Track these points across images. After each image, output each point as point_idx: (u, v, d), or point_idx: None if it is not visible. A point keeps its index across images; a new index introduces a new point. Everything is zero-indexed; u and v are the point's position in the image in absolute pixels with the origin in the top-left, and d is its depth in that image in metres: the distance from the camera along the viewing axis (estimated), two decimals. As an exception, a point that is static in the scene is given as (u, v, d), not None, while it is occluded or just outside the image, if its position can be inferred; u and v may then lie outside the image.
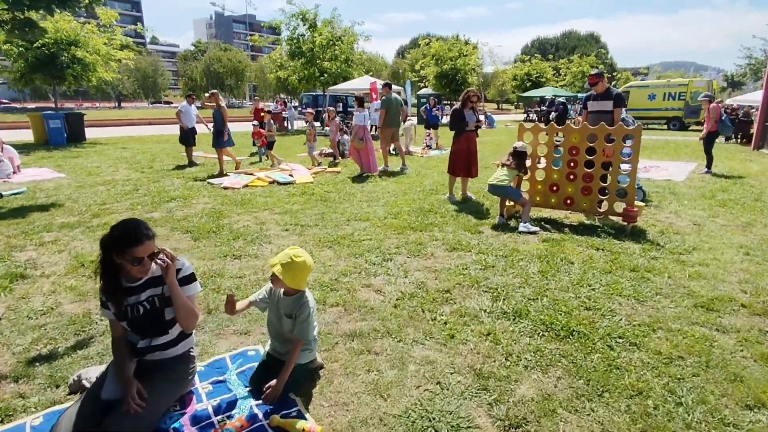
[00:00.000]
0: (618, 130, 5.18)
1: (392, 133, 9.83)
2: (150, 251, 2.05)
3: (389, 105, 9.59)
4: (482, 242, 4.82)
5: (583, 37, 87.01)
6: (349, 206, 6.54)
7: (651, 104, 25.39)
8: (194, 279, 2.25)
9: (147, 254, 2.03)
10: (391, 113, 9.60)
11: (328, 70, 21.93)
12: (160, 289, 2.16)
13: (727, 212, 6.05)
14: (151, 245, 2.06)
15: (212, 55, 50.81)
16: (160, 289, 2.16)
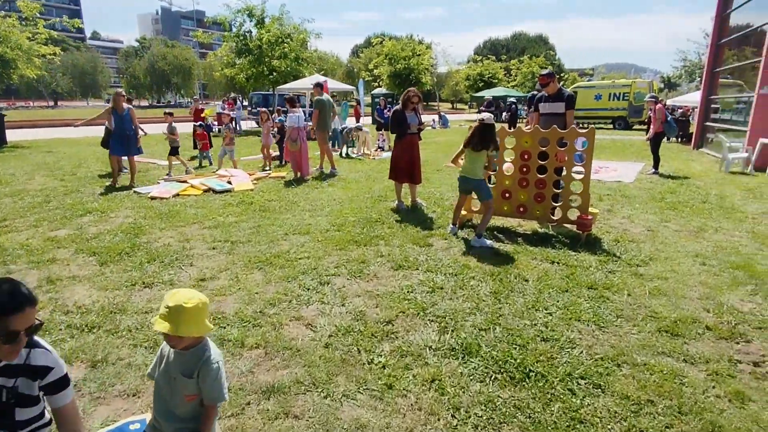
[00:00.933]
0: (571, 134, 4.91)
1: (325, 135, 9.41)
2: (29, 323, 1.46)
3: (322, 106, 9.10)
4: (431, 257, 4.40)
5: (533, 38, 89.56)
6: (290, 217, 5.98)
7: (597, 104, 26.16)
8: (67, 383, 1.64)
9: (25, 327, 1.44)
10: (324, 115, 9.15)
11: (277, 69, 21.07)
12: (13, 381, 1.55)
13: (677, 216, 5.95)
14: (32, 314, 1.47)
15: (156, 52, 48.10)
16: (13, 381, 1.55)
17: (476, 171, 4.77)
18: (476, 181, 4.78)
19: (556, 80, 5.46)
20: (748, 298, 3.48)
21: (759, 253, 4.50)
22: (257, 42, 20.94)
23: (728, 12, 13.48)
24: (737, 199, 6.97)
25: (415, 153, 6.21)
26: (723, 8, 13.81)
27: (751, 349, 2.78)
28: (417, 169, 6.27)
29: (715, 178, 8.86)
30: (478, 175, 4.77)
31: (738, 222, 5.66)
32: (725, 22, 13.75)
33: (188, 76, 48.47)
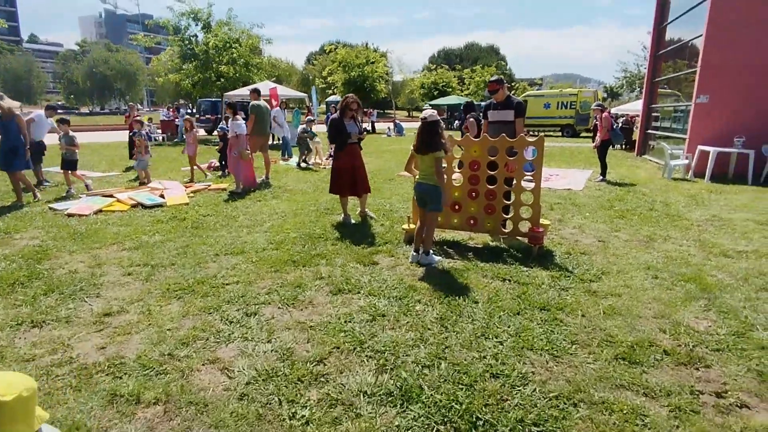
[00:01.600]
0: (520, 142, 4.70)
1: (262, 142, 9.02)
2: None
3: (258, 112, 8.68)
4: (375, 278, 4.02)
5: (485, 48, 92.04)
6: (225, 234, 5.45)
7: (546, 112, 26.94)
8: None
9: None
10: (260, 121, 8.76)
11: (225, 74, 20.24)
12: None
13: (627, 225, 5.90)
14: None
15: (97, 56, 45.32)
16: None
17: (432, 175, 4.28)
18: (432, 186, 4.30)
19: (505, 87, 5.26)
20: (702, 314, 3.32)
21: (707, 263, 4.43)
22: (203, 47, 20.04)
23: (664, 25, 14.08)
24: (681, 205, 7.05)
25: (357, 163, 5.81)
26: (660, 21, 14.43)
27: (711, 375, 2.57)
28: (361, 179, 5.88)
29: (659, 184, 9.05)
30: (433, 180, 4.29)
31: (684, 230, 5.65)
32: (662, 35, 14.36)
33: (133, 82, 45.99)
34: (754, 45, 9.70)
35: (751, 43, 9.72)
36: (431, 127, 4.21)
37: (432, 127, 4.21)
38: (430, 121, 4.22)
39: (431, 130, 4.20)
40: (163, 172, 10.55)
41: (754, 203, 7.23)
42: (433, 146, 4.19)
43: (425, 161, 4.31)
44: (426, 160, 4.30)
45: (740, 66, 9.83)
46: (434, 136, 4.19)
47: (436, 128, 4.21)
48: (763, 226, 5.82)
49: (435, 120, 4.23)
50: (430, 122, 4.22)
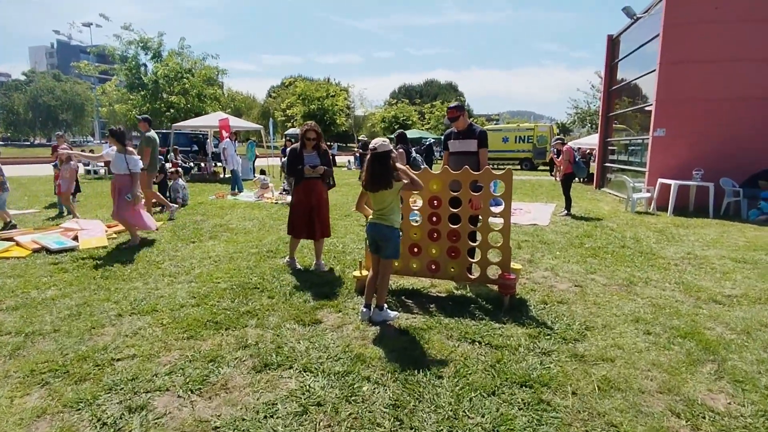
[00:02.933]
0: (485, 176, 4.10)
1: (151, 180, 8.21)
2: None
3: (154, 144, 7.88)
4: (315, 344, 3.21)
5: (443, 85, 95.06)
6: (139, 285, 4.51)
7: (505, 146, 27.33)
8: None
9: None
10: (155, 155, 7.99)
11: (176, 105, 19.26)
12: None
13: (601, 265, 5.38)
14: None
15: (41, 86, 42.92)
16: None
17: (387, 215, 3.57)
18: (387, 228, 3.58)
19: (466, 114, 4.71)
20: (715, 385, 2.70)
21: (699, 311, 3.89)
22: (152, 76, 19.07)
23: (616, 62, 14.43)
24: (653, 242, 6.67)
25: (315, 201, 4.93)
26: (611, 59, 14.80)
27: (755, 488, 1.91)
28: (321, 221, 4.99)
29: (624, 218, 8.76)
30: (389, 221, 3.58)
31: (663, 270, 5.18)
32: (614, 72, 14.70)
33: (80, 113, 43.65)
34: (707, 80, 9.84)
35: (703, 79, 9.85)
36: (382, 160, 3.52)
37: (383, 158, 3.52)
38: (380, 153, 3.54)
39: (382, 163, 3.51)
40: (91, 209, 9.39)
41: (723, 238, 6.96)
42: (385, 181, 3.50)
43: (377, 199, 3.61)
44: (378, 198, 3.60)
45: (694, 100, 9.92)
46: (386, 170, 3.50)
47: (387, 160, 3.53)
48: (740, 265, 5.44)
49: (386, 150, 3.55)
50: (380, 153, 3.53)
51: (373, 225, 3.67)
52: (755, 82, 9.62)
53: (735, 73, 9.70)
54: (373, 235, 3.69)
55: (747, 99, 9.65)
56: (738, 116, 9.74)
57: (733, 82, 9.72)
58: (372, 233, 3.69)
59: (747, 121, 9.69)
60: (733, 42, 9.68)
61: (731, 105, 9.76)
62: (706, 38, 9.80)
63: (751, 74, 9.63)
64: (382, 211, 3.61)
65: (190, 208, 9.51)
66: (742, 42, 9.65)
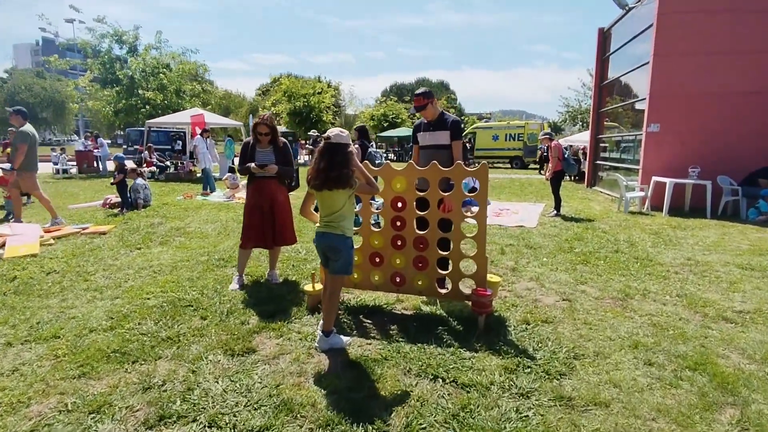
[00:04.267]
0: (457, 172, 3.47)
1: (34, 180, 7.23)
2: None
3: (31, 141, 6.95)
4: (237, 384, 2.56)
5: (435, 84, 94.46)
6: (53, 303, 3.83)
7: (495, 144, 26.77)
8: None
9: None
10: (33, 152, 7.02)
11: (152, 101, 18.44)
12: None
13: (593, 273, 4.77)
14: None
15: (18, 82, 41.62)
16: None
17: (338, 221, 2.93)
18: (337, 238, 2.96)
19: (436, 102, 4.06)
20: (740, 442, 2.09)
21: (708, 333, 3.29)
22: (127, 72, 18.23)
23: (607, 55, 13.89)
24: (649, 245, 6.08)
25: (267, 204, 4.20)
26: (602, 52, 14.25)
27: None
28: (276, 227, 4.28)
29: (617, 219, 8.18)
30: (340, 228, 2.94)
31: (662, 279, 4.58)
32: (605, 66, 14.16)
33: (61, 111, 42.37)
34: (703, 73, 9.30)
35: (699, 72, 9.31)
36: (335, 152, 2.86)
37: (336, 151, 2.86)
38: (333, 143, 2.87)
39: (335, 156, 2.85)
40: (44, 212, 8.64)
41: (724, 241, 6.39)
42: (340, 179, 2.82)
43: (326, 202, 2.96)
44: (327, 201, 2.95)
45: (690, 94, 9.38)
46: (339, 165, 2.82)
47: (343, 154, 2.86)
48: (748, 273, 4.86)
49: (342, 142, 2.89)
50: (333, 144, 2.87)
51: (320, 235, 3.02)
52: (755, 76, 9.09)
53: (733, 65, 9.17)
54: (321, 247, 3.05)
55: (746, 93, 9.12)
56: (736, 111, 9.21)
57: (732, 75, 9.18)
58: (319, 244, 3.04)
59: (746, 116, 9.15)
60: (731, 33, 9.14)
61: (729, 99, 9.22)
62: (702, 28, 9.25)
63: (750, 67, 9.09)
64: (331, 217, 2.96)
65: (152, 210, 8.79)
66: (741, 33, 9.11)
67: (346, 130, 2.97)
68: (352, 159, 2.84)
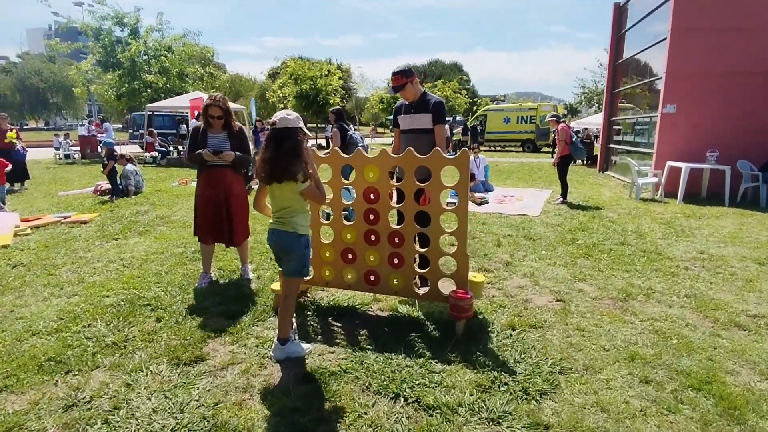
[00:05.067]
0: (434, 160, 3.08)
1: None
2: None
3: None
4: (170, 401, 2.27)
5: (448, 66, 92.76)
6: (7, 299, 3.62)
7: (507, 127, 26.03)
8: None
9: None
10: None
11: (153, 85, 18.18)
12: None
13: (594, 269, 4.38)
14: None
15: (29, 68, 41.74)
16: None
17: (289, 217, 2.61)
18: (288, 236, 2.60)
19: (417, 81, 3.65)
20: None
21: (717, 343, 2.90)
22: (128, 54, 17.95)
23: (623, 32, 13.14)
24: (658, 237, 5.64)
25: (222, 196, 3.81)
26: (618, 29, 13.49)
27: None
28: (232, 222, 3.90)
29: (627, 207, 7.70)
30: (291, 225, 2.60)
31: (670, 276, 4.17)
32: (620, 43, 13.41)
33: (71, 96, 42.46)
34: (724, 51, 8.64)
35: (720, 49, 8.65)
36: (282, 139, 2.50)
37: (284, 137, 2.50)
38: (279, 129, 2.52)
39: (282, 145, 2.49)
40: (32, 199, 8.48)
41: (742, 232, 5.91)
42: (287, 170, 2.48)
43: (277, 195, 2.62)
44: (277, 194, 2.60)
45: (710, 73, 8.74)
46: (288, 155, 2.47)
47: (291, 141, 2.50)
48: (765, 268, 4.42)
49: (291, 127, 2.52)
50: (279, 130, 2.52)
51: (271, 232, 2.68)
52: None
53: (757, 43, 8.49)
54: (272, 245, 2.71)
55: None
56: (759, 92, 8.57)
57: (754, 53, 8.52)
58: (270, 242, 2.70)
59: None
60: (754, 8, 8.45)
61: (751, 79, 8.58)
62: (723, 3, 8.56)
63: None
64: (281, 213, 2.62)
65: (142, 197, 8.57)
66: (765, 8, 8.42)
67: (295, 113, 2.60)
68: (302, 147, 2.48)
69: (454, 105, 47.19)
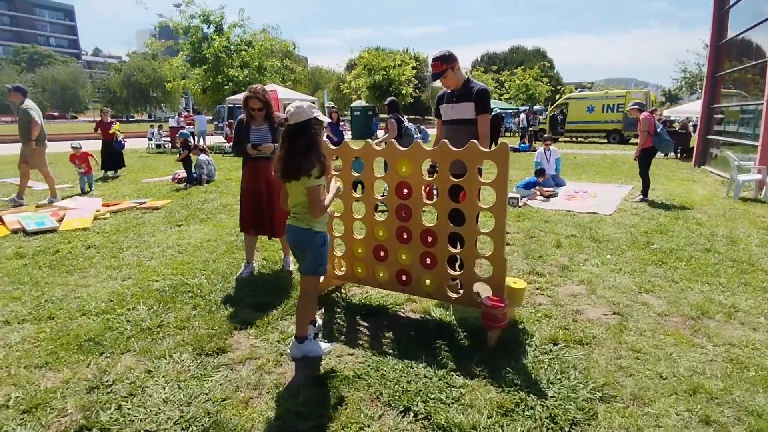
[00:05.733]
0: (471, 154, 2.82)
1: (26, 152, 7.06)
2: None
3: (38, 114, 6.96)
4: (182, 393, 2.29)
5: (530, 52, 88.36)
6: (72, 280, 3.92)
7: (590, 116, 24.15)
8: None
9: None
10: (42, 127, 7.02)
11: (234, 79, 19.22)
12: None
13: (666, 279, 3.84)
14: None
15: (134, 65, 46.42)
16: None
17: (304, 213, 2.50)
18: (303, 233, 2.52)
19: (459, 67, 3.36)
20: None
21: (813, 380, 2.37)
22: (212, 50, 19.10)
23: (727, 9, 11.50)
24: (754, 244, 4.85)
25: (264, 188, 3.85)
26: (720, 5, 11.84)
27: None
28: (274, 215, 3.91)
29: (722, 207, 6.74)
30: (306, 223, 2.51)
31: (761, 293, 3.53)
32: (724, 21, 11.76)
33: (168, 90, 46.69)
34: None
35: None
36: (296, 136, 2.39)
37: (297, 135, 2.40)
38: (291, 125, 2.40)
39: (295, 142, 2.39)
40: (119, 185, 9.32)
41: None
42: (303, 166, 2.36)
43: (292, 191, 2.53)
44: (293, 190, 2.51)
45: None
46: (301, 153, 2.36)
47: (306, 136, 2.39)
48: None
49: (304, 121, 2.39)
50: (291, 127, 2.40)
51: (288, 228, 2.60)
52: None
53: None
54: (289, 242, 2.64)
55: None
56: None
57: None
58: (288, 238, 2.63)
59: None
60: None
61: None
62: None
63: None
64: (297, 209, 2.54)
65: (213, 185, 9.07)
66: None
67: (308, 101, 2.48)
68: (316, 140, 2.36)
69: (535, 93, 44.84)
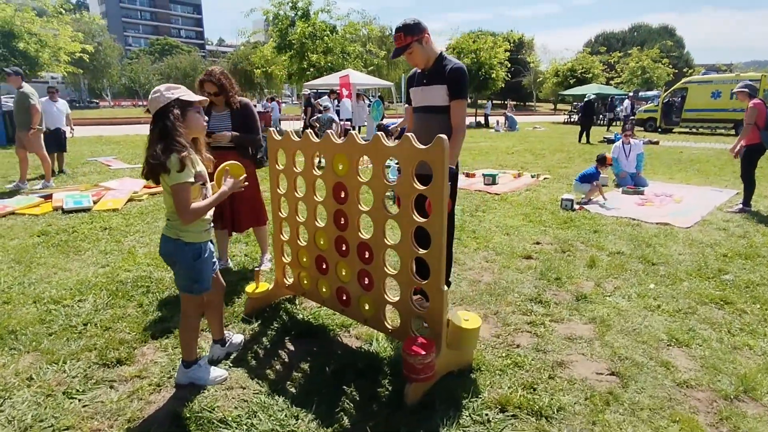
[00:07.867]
0: (435, 151, 2.17)
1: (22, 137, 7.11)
2: None
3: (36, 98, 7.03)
4: (40, 408, 2.05)
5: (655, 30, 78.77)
6: (62, 263, 3.98)
7: (715, 104, 20.47)
8: None
9: None
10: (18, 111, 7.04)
11: (316, 64, 19.49)
12: None
13: (721, 326, 2.82)
14: None
15: (240, 53, 49.83)
16: None
17: (174, 221, 2.09)
18: (171, 243, 2.13)
19: (429, 40, 2.65)
20: None
21: None
22: (296, 36, 19.52)
23: None
24: None
25: None
26: None
27: None
28: (237, 208, 3.60)
29: None
30: (174, 232, 2.11)
31: None
32: None
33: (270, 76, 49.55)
34: None
35: None
36: (154, 125, 1.96)
37: (156, 123, 1.96)
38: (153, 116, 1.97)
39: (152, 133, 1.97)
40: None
41: None
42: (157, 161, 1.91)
43: (165, 193, 2.12)
44: (165, 191, 2.10)
45: None
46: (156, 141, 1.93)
47: (160, 124, 1.94)
48: None
49: (162, 108, 1.94)
50: (153, 117, 1.97)
51: (161, 238, 2.21)
52: None
53: None
54: (160, 254, 2.25)
55: None
56: None
57: None
58: (160, 251, 2.24)
59: None
60: None
61: None
62: None
63: None
64: (168, 214, 2.14)
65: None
66: None
67: (171, 84, 2.02)
68: (170, 127, 1.91)
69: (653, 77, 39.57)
